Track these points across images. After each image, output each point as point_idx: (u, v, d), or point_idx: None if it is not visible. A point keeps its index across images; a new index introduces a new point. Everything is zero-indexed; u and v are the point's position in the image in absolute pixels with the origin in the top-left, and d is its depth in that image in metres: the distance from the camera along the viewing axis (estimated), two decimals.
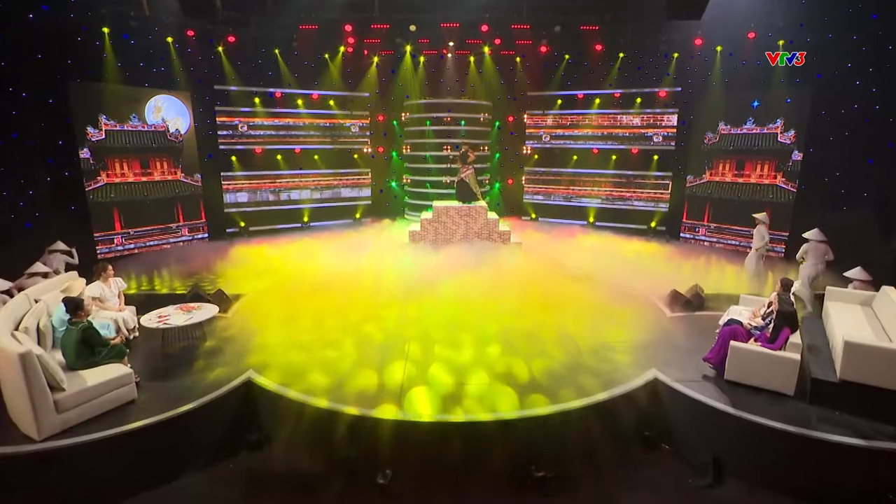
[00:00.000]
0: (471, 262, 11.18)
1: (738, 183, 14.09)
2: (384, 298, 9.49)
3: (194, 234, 14.95)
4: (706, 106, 14.58)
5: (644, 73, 15.70)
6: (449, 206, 13.44)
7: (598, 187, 17.21)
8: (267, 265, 11.90)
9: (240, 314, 9.11)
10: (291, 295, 9.74)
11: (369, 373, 6.91)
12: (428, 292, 9.62)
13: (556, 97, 17.32)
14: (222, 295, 9.58)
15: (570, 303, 9.21)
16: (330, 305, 9.18)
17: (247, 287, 10.51)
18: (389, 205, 18.71)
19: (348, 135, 17.52)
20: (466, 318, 8.63)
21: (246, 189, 16.17)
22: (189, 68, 14.17)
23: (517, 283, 9.96)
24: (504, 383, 6.66)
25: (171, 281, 11.30)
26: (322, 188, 17.38)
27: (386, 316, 8.83)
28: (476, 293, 9.42)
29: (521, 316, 8.70)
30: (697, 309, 9.40)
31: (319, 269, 11.25)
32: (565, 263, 11.34)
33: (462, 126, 16.90)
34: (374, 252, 12.48)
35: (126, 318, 7.59)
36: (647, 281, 10.57)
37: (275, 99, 15.96)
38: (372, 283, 10.24)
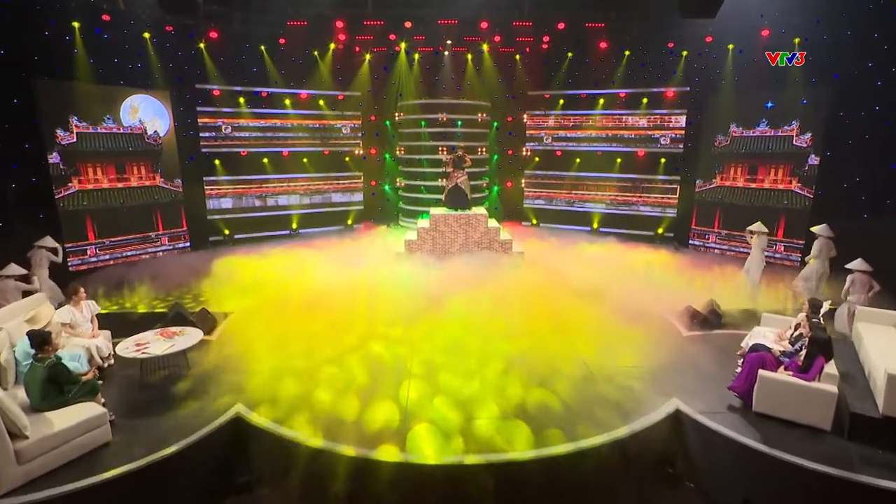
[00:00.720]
0: (472, 276, 10.86)
1: (751, 188, 13.92)
2: (381, 318, 9.14)
3: (175, 243, 14.52)
4: (717, 107, 14.39)
5: (650, 71, 15.51)
6: (447, 214, 13.19)
7: (603, 191, 17.01)
8: (254, 279, 11.49)
9: (226, 336, 8.72)
10: (281, 314, 9.35)
11: (368, 406, 6.56)
12: (428, 311, 9.28)
13: (558, 97, 17.09)
14: (206, 314, 9.19)
15: (580, 322, 8.91)
16: (323, 326, 8.81)
17: (233, 304, 10.13)
18: (382, 209, 18.34)
19: (339, 136, 17.19)
20: (470, 340, 8.30)
21: (230, 195, 15.79)
22: (168, 66, 13.81)
23: (522, 300, 9.63)
24: (516, 417, 6.33)
25: (150, 297, 10.87)
26: (311, 193, 17.04)
27: (383, 338, 8.49)
28: (479, 312, 9.08)
29: (529, 337, 8.37)
30: (715, 327, 9.15)
31: (310, 284, 10.88)
32: (572, 277, 11.06)
33: (458, 127, 16.57)
34: (369, 264, 12.15)
35: (100, 346, 7.18)
36: (659, 295, 10.31)
37: (261, 99, 15.62)
38: (367, 300, 9.88)
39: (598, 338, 8.34)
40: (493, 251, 13.28)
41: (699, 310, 9.31)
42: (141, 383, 6.99)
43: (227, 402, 6.54)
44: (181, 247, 14.68)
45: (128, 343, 7.07)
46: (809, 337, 6.23)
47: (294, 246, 14.68)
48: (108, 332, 7.85)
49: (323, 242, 14.91)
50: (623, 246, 14.91)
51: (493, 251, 13.28)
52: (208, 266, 12.43)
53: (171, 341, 7.15)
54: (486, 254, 12.93)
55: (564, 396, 6.80)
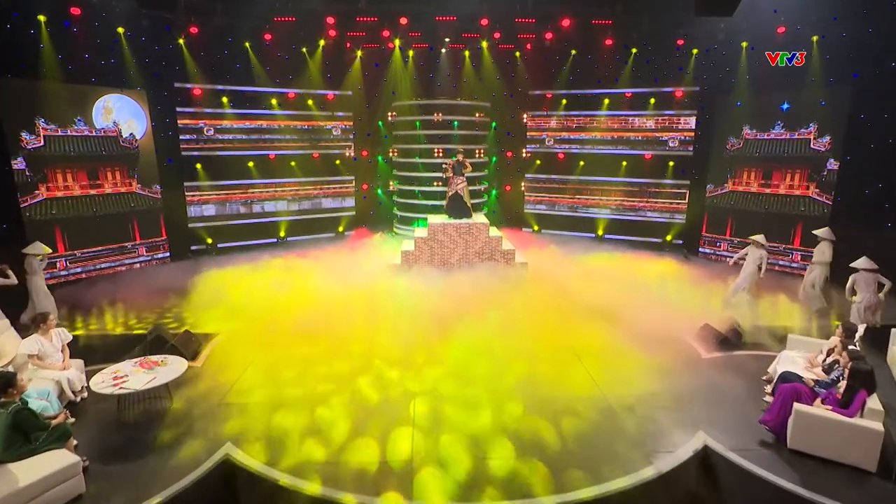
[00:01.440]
0: (474, 292, 10.59)
1: (765, 193, 13.77)
2: (379, 340, 8.82)
3: (153, 253, 14.11)
4: (729, 107, 14.21)
5: (659, 70, 15.27)
6: (446, 223, 12.88)
7: (608, 196, 16.80)
8: (240, 294, 11.04)
9: (212, 363, 8.34)
10: (271, 336, 9.01)
11: (369, 444, 6.23)
12: (429, 333, 8.98)
13: (561, 96, 16.83)
14: (190, 337, 8.80)
15: (592, 344, 8.68)
16: (317, 350, 8.50)
17: (218, 324, 9.75)
18: (374, 213, 18.00)
19: (329, 138, 16.84)
20: (476, 365, 7.99)
21: (213, 201, 15.41)
22: (145, 63, 13.38)
23: (529, 320, 9.36)
24: (533, 456, 6.03)
25: (126, 316, 10.43)
26: (300, 198, 16.68)
27: (383, 363, 8.17)
28: (483, 334, 8.81)
29: (538, 362, 8.10)
30: (736, 347, 8.91)
31: (302, 302, 10.52)
32: (580, 294, 10.78)
33: (455, 129, 16.27)
34: (364, 278, 11.79)
35: (71, 378, 6.81)
36: (673, 312, 10.04)
37: (245, 98, 15.26)
38: (363, 320, 9.55)
39: (612, 362, 8.13)
40: (494, 262, 13.00)
41: (718, 329, 9.06)
42: (118, 421, 6.58)
43: (215, 442, 6.17)
44: (160, 257, 14.26)
45: (103, 376, 6.65)
46: (849, 368, 5.98)
47: (282, 255, 14.29)
48: (81, 361, 7.47)
49: (313, 252, 14.51)
50: (630, 255, 14.70)
51: (495, 262, 13.01)
52: (190, 279, 11.98)
53: (152, 373, 6.75)
54: (488, 265, 12.67)
55: (583, 430, 6.53)
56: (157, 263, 14.10)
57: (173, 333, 8.93)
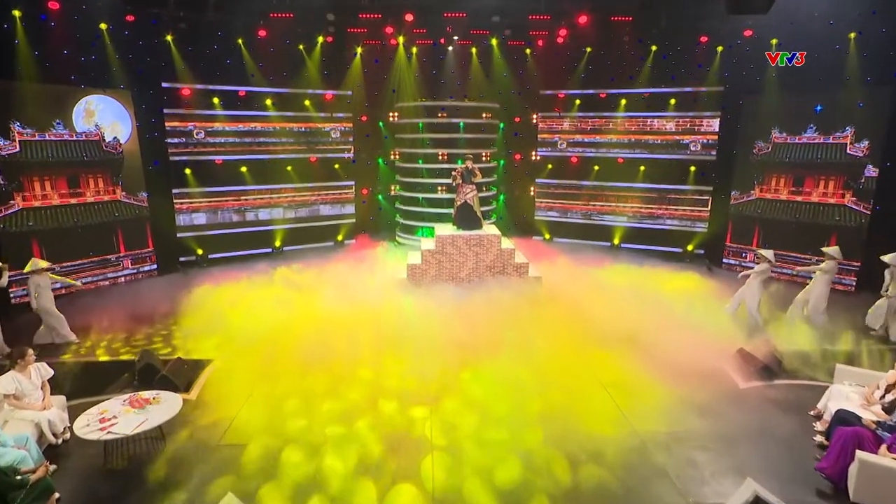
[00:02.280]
0: (487, 314, 10.30)
1: (796, 202, 13.48)
2: (390, 369, 8.56)
3: (139, 266, 13.76)
4: (756, 109, 13.94)
5: (680, 69, 14.96)
6: (455, 235, 12.56)
7: (624, 203, 16.52)
8: (235, 313, 10.67)
9: (207, 395, 7.97)
10: (270, 364, 8.65)
11: (387, 492, 5.86)
12: (442, 362, 8.68)
13: (574, 97, 16.50)
14: (182, 365, 8.48)
15: (617, 374, 8.36)
16: (321, 381, 8.15)
17: (213, 349, 9.45)
18: (374, 219, 17.76)
19: (328, 141, 16.51)
20: (495, 398, 7.64)
21: (204, 209, 15.09)
22: (129, 61, 12.99)
23: (548, 346, 9.05)
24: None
25: (111, 339, 10.04)
26: (297, 205, 16.35)
27: (395, 395, 7.84)
28: (501, 362, 8.52)
29: (564, 395, 7.74)
30: (776, 376, 8.54)
31: (303, 323, 10.15)
32: (600, 314, 10.40)
33: (461, 131, 15.93)
34: (368, 295, 11.47)
35: (52, 420, 6.43)
36: (703, 334, 9.66)
37: (238, 99, 14.90)
38: (371, 346, 9.22)
39: (641, 394, 7.80)
40: (507, 276, 12.70)
41: (755, 354, 8.71)
42: (104, 469, 6.17)
43: (216, 491, 5.81)
44: (147, 270, 13.91)
45: (88, 417, 6.25)
46: None
47: (278, 268, 13.89)
48: (62, 397, 7.09)
49: (312, 264, 14.15)
50: (649, 267, 14.26)
51: (508, 276, 12.70)
52: (180, 295, 11.65)
53: (143, 414, 6.34)
54: (500, 280, 12.41)
55: (618, 474, 6.17)
56: (143, 277, 13.73)
57: (164, 360, 8.62)
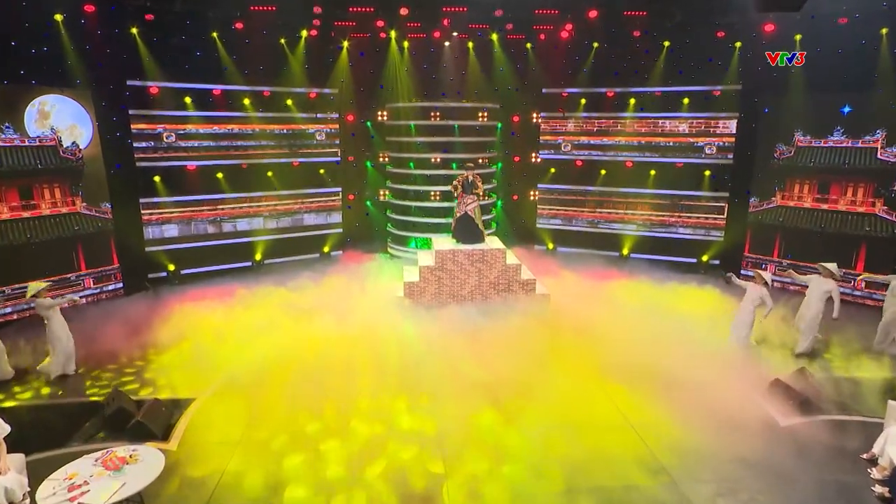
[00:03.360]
0: (497, 344, 9.52)
1: (822, 210, 13.05)
2: (393, 407, 7.86)
3: (103, 285, 12.87)
4: (778, 110, 13.48)
5: (695, 66, 14.33)
6: (456, 250, 11.84)
7: (633, 210, 15.93)
8: (216, 339, 9.85)
9: (190, 443, 7.11)
10: (260, 402, 7.86)
11: None
12: (450, 395, 7.99)
13: (580, 95, 15.79)
14: (159, 408, 7.56)
15: (649, 415, 7.64)
16: (319, 423, 7.39)
17: (193, 384, 8.50)
18: (359, 225, 17.15)
19: (312, 144, 15.77)
20: (512, 441, 7.03)
21: (175, 220, 14.35)
22: (90, 57, 12.00)
23: (570, 384, 8.39)
24: None
25: (74, 375, 9.00)
26: (279, 215, 15.60)
27: (403, 439, 7.11)
28: (514, 399, 7.93)
29: (585, 435, 7.09)
30: (818, 410, 7.80)
31: (294, 350, 9.38)
32: (618, 343, 9.59)
33: (456, 134, 15.29)
34: (363, 318, 10.67)
35: (9, 487, 5.48)
36: (732, 362, 9.11)
37: (213, 98, 14.12)
38: (372, 379, 8.49)
39: (671, 435, 7.15)
40: (513, 293, 11.95)
41: (792, 385, 8.12)
42: None
43: None
44: (111, 289, 12.95)
45: (55, 484, 5.25)
46: None
47: (260, 285, 13.00)
48: (21, 455, 6.03)
49: (298, 280, 13.27)
50: (663, 280, 13.58)
51: (514, 293, 11.94)
52: (151, 318, 10.84)
53: (120, 477, 5.35)
54: (506, 299, 11.76)
55: None
56: (107, 297, 12.72)
57: (137, 401, 7.68)
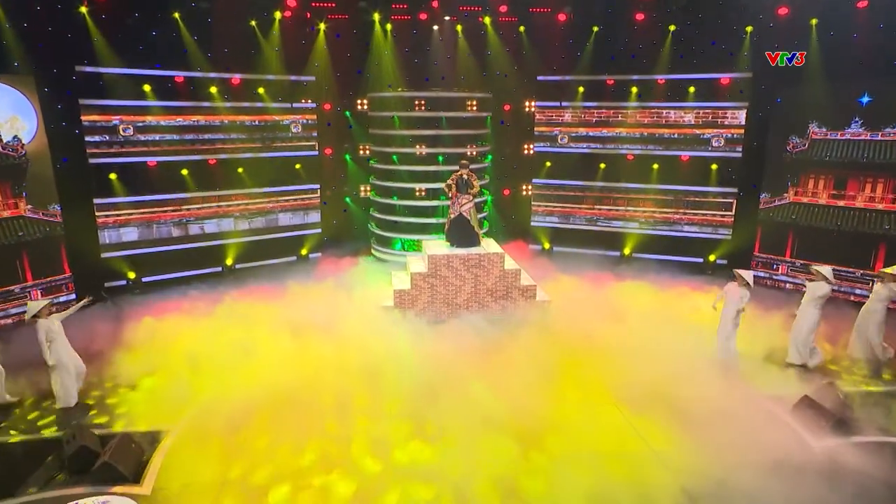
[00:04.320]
0: (505, 366, 8.73)
1: (838, 206, 12.65)
2: (391, 436, 7.20)
3: (54, 296, 11.78)
4: (791, 100, 12.88)
5: (701, 52, 13.79)
6: (451, 255, 11.16)
7: (635, 207, 15.40)
8: (188, 359, 9.04)
9: (166, 486, 6.31)
10: (243, 431, 7.22)
11: None
12: (461, 428, 7.29)
13: (577, 83, 15.13)
14: (129, 444, 6.76)
15: (673, 447, 7.02)
16: (310, 457, 6.78)
17: (166, 412, 7.70)
18: (338, 223, 16.63)
19: (287, 136, 14.90)
20: (519, 469, 6.53)
21: (135, 221, 13.45)
22: (30, 38, 11.17)
23: (579, 408, 7.87)
24: None
25: (23, 405, 8.11)
26: (251, 215, 14.75)
27: (400, 477, 6.47)
28: (522, 424, 7.26)
29: (622, 474, 6.42)
30: (852, 430, 7.31)
31: (276, 370, 8.61)
32: (631, 360, 8.90)
33: (444, 126, 14.56)
34: (352, 332, 9.88)
35: None
36: (753, 376, 8.67)
37: (175, 87, 13.14)
38: (366, 405, 7.86)
39: (703, 468, 6.53)
40: (512, 300, 11.40)
41: (822, 403, 7.66)
42: None
43: None
44: (63, 301, 11.83)
45: None
46: None
47: (232, 294, 12.19)
48: None
49: (275, 287, 12.49)
50: (668, 283, 12.99)
51: (513, 300, 11.40)
52: (110, 335, 10.02)
53: None
54: (504, 306, 11.19)
55: None
56: (59, 311, 11.31)
57: (102, 437, 6.94)
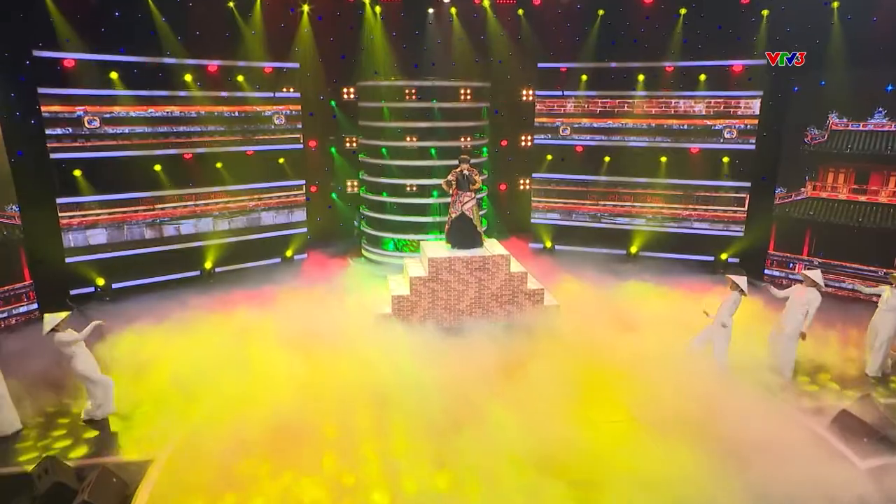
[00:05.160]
0: (521, 383, 8.05)
1: (860, 202, 12.23)
2: (403, 466, 6.57)
3: (12, 307, 11.05)
4: (810, 88, 12.42)
5: (713, 37, 13.25)
6: (453, 258, 10.59)
7: (642, 203, 14.83)
8: (169, 375, 8.37)
9: None
10: (237, 462, 6.55)
11: None
12: (497, 468, 6.50)
13: (580, 71, 14.45)
14: (109, 479, 6.09)
15: (723, 487, 6.20)
16: (315, 492, 6.18)
17: (147, 439, 7.13)
18: (322, 220, 15.97)
19: (269, 129, 14.06)
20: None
21: (103, 222, 12.53)
22: None
23: (616, 439, 7.18)
24: None
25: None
26: (232, 214, 13.90)
27: None
28: (580, 475, 6.43)
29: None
30: None
31: (269, 395, 7.87)
32: (649, 378, 8.20)
33: (437, 118, 13.90)
34: (348, 345, 9.21)
35: None
36: (785, 389, 8.30)
37: (145, 73, 12.22)
38: (370, 429, 7.25)
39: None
40: (518, 306, 10.78)
41: (864, 419, 7.24)
42: None
43: None
44: (23, 312, 11.08)
45: None
46: None
47: (214, 301, 11.45)
48: None
49: (260, 293, 11.87)
50: (679, 283, 12.45)
51: (519, 305, 10.80)
52: None
53: None
54: (510, 312, 10.64)
55: None
56: (19, 322, 10.87)
57: (77, 470, 6.36)
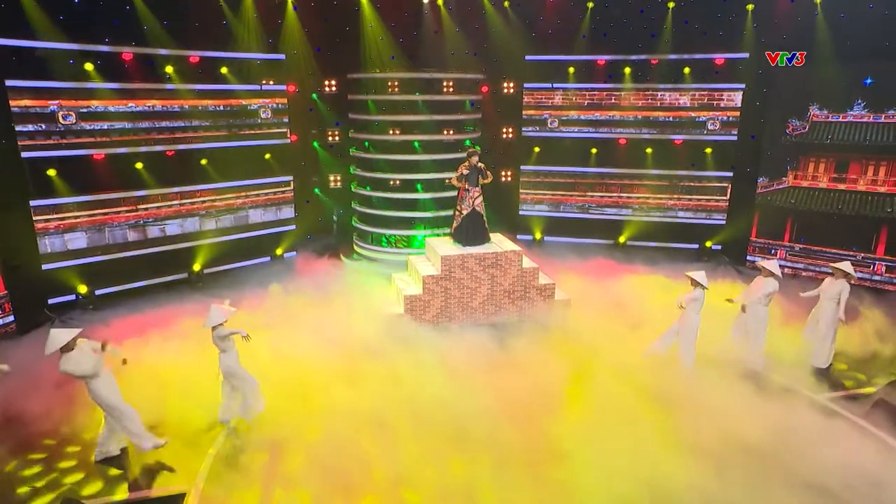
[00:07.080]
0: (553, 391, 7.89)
1: (839, 190, 12.66)
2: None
3: None
4: (791, 81, 12.69)
5: (697, 31, 13.36)
6: (465, 255, 10.48)
7: (629, 193, 15.00)
8: (179, 392, 7.91)
9: None
10: (276, 490, 6.23)
11: None
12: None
13: (567, 63, 14.45)
14: None
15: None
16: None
17: (171, 467, 6.69)
18: (298, 215, 15.10)
19: (256, 122, 13.48)
20: None
21: (82, 225, 11.68)
22: None
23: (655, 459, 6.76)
24: None
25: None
26: (218, 212, 13.25)
27: None
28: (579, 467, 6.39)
29: None
30: None
31: (291, 409, 7.58)
32: (670, 390, 8.09)
33: (423, 111, 13.70)
34: (359, 346, 9.01)
35: None
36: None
37: (124, 65, 11.44)
38: (452, 458, 6.69)
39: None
40: (529, 301, 10.83)
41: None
42: None
43: None
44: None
45: None
46: None
47: (205, 305, 10.40)
48: None
49: (256, 296, 11.18)
50: (671, 272, 12.43)
51: (531, 301, 10.84)
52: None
53: None
54: (522, 308, 10.67)
55: None
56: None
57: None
